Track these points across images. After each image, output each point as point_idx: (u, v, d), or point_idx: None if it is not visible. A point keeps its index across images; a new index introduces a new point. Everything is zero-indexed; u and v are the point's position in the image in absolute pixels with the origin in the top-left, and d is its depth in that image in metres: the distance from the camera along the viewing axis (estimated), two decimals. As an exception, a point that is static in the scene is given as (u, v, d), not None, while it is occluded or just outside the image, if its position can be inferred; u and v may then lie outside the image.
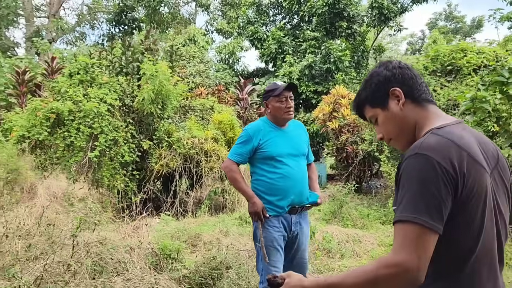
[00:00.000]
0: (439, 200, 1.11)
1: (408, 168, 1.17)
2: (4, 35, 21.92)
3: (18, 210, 4.52)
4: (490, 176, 1.22)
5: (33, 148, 7.39)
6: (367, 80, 1.44)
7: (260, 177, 2.96)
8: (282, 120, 2.99)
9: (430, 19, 38.69)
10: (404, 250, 1.10)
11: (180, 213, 7.49)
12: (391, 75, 1.36)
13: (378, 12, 16.98)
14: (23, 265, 2.74)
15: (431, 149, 1.15)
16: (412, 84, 1.35)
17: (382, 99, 1.38)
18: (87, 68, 7.69)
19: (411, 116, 1.34)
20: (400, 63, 1.39)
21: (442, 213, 1.11)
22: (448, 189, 1.12)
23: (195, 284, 3.75)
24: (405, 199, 1.14)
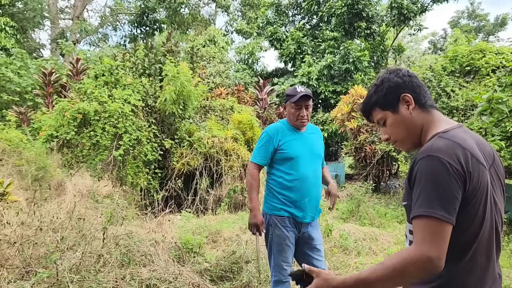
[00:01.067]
0: (452, 196, 1.27)
1: (423, 168, 1.31)
2: (30, 37, 22.61)
3: (50, 206, 4.78)
4: (488, 173, 1.37)
5: (61, 147, 7.71)
6: (377, 84, 1.57)
7: (277, 177, 3.08)
8: (295, 125, 3.11)
9: (452, 18, 38.13)
10: (426, 243, 1.25)
11: (200, 210, 7.71)
12: (402, 82, 1.50)
13: (397, 12, 16.90)
14: (57, 255, 2.97)
15: (441, 151, 1.30)
16: (420, 92, 1.50)
17: (393, 103, 1.52)
18: (111, 70, 7.97)
19: (418, 120, 1.49)
20: (408, 72, 1.53)
21: (455, 207, 1.27)
22: (459, 185, 1.27)
23: (216, 277, 3.94)
24: (422, 196, 1.29)
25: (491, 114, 5.00)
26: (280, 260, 3.06)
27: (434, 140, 1.37)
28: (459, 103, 7.16)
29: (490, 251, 1.39)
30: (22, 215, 4.23)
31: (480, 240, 1.35)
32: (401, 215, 7.22)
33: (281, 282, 3.08)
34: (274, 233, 3.05)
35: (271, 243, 3.09)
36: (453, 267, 1.35)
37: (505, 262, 4.94)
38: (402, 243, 5.71)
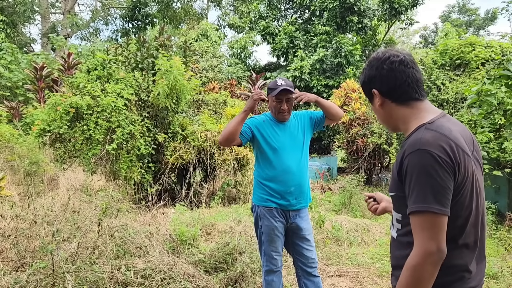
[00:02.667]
0: (445, 188, 1.31)
1: (414, 163, 1.34)
2: (21, 31, 22.38)
3: (44, 199, 4.80)
4: (472, 160, 1.41)
5: (53, 141, 7.69)
6: (361, 72, 1.64)
7: (262, 169, 3.13)
8: (277, 118, 3.14)
9: (443, 12, 38.34)
10: (426, 239, 1.31)
11: (194, 204, 7.75)
12: (373, 76, 1.53)
13: (389, 6, 16.98)
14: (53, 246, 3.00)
15: (430, 144, 1.32)
16: (394, 86, 1.48)
17: (369, 95, 1.60)
18: (104, 64, 7.95)
19: (392, 113, 1.54)
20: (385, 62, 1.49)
21: (448, 198, 1.32)
22: (450, 176, 1.31)
23: (210, 268, 3.99)
24: (416, 191, 1.33)
25: (480, 106, 5.08)
26: (270, 250, 3.12)
27: (421, 132, 1.39)
28: (449, 96, 7.25)
29: (477, 234, 1.44)
30: (16, 208, 4.25)
31: (469, 225, 1.40)
32: (393, 207, 7.32)
33: (272, 271, 3.14)
34: (263, 223, 3.10)
35: (261, 234, 3.14)
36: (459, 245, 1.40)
37: (492, 250, 5.05)
38: (393, 234, 5.80)
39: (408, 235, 1.44)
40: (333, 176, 11.23)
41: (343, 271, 4.48)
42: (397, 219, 1.53)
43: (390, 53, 1.51)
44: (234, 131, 2.99)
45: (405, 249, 1.43)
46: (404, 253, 1.43)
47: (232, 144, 3.09)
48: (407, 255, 1.38)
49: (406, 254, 1.39)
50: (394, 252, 1.56)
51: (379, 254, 4.99)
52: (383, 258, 4.87)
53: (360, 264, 4.67)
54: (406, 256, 1.38)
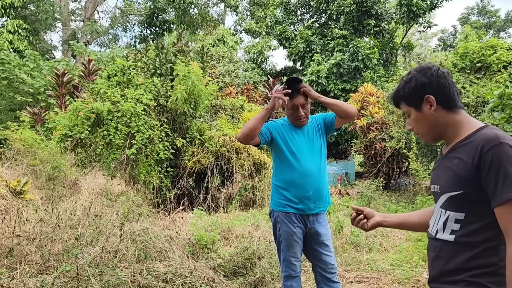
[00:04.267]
0: None
1: (501, 154, 1.38)
2: (43, 38, 22.92)
3: (67, 203, 4.89)
4: None
5: (75, 146, 7.84)
6: (406, 81, 1.63)
7: (281, 174, 3.13)
8: (295, 124, 3.13)
9: (462, 14, 37.79)
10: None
11: (212, 208, 7.79)
12: (428, 83, 1.57)
13: (407, 9, 16.83)
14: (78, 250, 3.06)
15: (508, 139, 1.40)
16: (446, 93, 1.56)
17: (417, 102, 1.60)
18: (124, 70, 8.08)
19: (442, 119, 1.58)
20: (438, 71, 1.57)
21: None
22: None
23: (229, 272, 4.01)
24: (508, 182, 1.36)
25: (503, 110, 4.99)
26: (289, 255, 3.11)
27: (492, 130, 1.46)
28: (470, 99, 7.14)
29: None
30: (40, 212, 4.34)
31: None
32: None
33: (291, 277, 3.13)
34: (282, 229, 3.09)
35: (279, 239, 3.13)
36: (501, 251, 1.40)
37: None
38: (413, 240, 5.74)
39: (472, 235, 1.45)
40: (351, 181, 11.15)
41: (363, 277, 4.45)
42: (456, 219, 1.52)
43: (435, 65, 1.60)
44: (254, 128, 2.97)
45: (470, 250, 1.43)
46: (469, 254, 1.44)
47: (250, 142, 3.05)
48: (474, 256, 1.40)
49: (472, 255, 1.41)
50: (452, 256, 1.51)
51: (399, 260, 4.94)
52: (403, 265, 4.82)
53: (380, 271, 4.63)
54: (474, 257, 1.40)
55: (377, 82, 15.23)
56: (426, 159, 8.42)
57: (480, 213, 1.44)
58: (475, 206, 1.46)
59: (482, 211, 1.43)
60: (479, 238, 1.41)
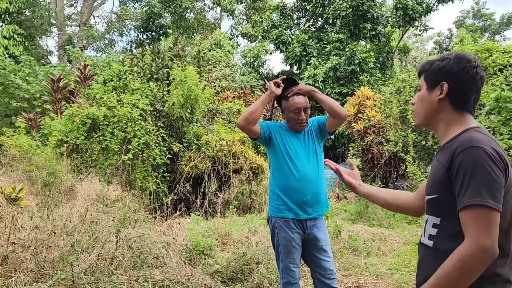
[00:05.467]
0: (499, 184, 1.31)
1: (468, 158, 1.34)
2: (38, 44, 22.86)
3: (62, 210, 4.85)
4: None
5: (70, 152, 7.80)
6: (441, 59, 1.55)
7: (277, 178, 3.10)
8: (295, 128, 3.11)
9: (457, 17, 38.02)
10: (480, 233, 1.28)
11: (209, 213, 7.75)
12: (453, 73, 1.48)
13: (402, 13, 16.92)
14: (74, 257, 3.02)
15: (483, 143, 1.34)
16: (463, 91, 1.48)
17: (433, 82, 1.54)
18: (120, 75, 8.05)
19: (442, 112, 1.52)
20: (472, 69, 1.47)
21: (501, 195, 1.32)
22: (502, 174, 1.32)
23: (227, 278, 3.97)
24: (471, 186, 1.31)
25: (499, 113, 4.99)
26: (287, 262, 3.08)
27: (472, 133, 1.41)
28: (467, 102, 7.14)
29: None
30: (35, 219, 4.30)
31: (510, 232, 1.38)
32: (410, 215, 7.20)
33: (290, 283, 3.10)
34: (280, 235, 3.06)
35: (278, 245, 3.10)
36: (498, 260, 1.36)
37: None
38: (411, 244, 5.71)
39: (448, 241, 1.41)
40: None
41: (361, 282, 4.42)
42: (434, 224, 1.50)
43: (479, 63, 1.50)
44: (254, 110, 2.94)
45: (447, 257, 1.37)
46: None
47: (251, 128, 2.99)
48: None
49: None
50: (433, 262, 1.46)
51: (397, 265, 4.91)
52: (402, 269, 4.79)
53: (379, 275, 4.60)
54: None
55: (373, 85, 15.27)
56: (423, 162, 8.41)
57: (455, 218, 1.38)
58: (450, 210, 1.41)
59: (457, 217, 1.37)
60: (454, 245, 1.35)
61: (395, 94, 8.55)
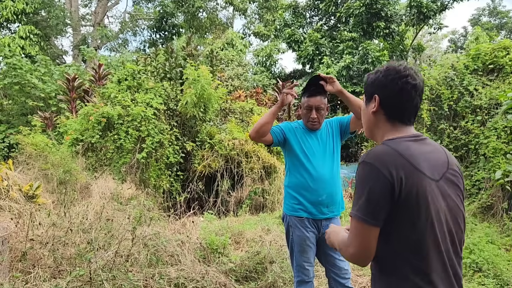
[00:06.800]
0: (379, 202, 1.36)
1: (358, 173, 1.44)
2: (53, 44, 23.16)
3: (78, 207, 4.92)
4: (438, 182, 1.43)
5: (85, 150, 7.89)
6: (376, 71, 1.60)
7: (294, 178, 3.09)
8: (307, 127, 3.09)
9: (472, 15, 37.43)
10: (352, 242, 1.44)
11: (222, 212, 7.78)
12: (384, 85, 1.52)
13: (416, 11, 16.72)
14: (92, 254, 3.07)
15: (375, 158, 1.40)
16: (395, 103, 1.51)
17: (368, 95, 1.60)
18: (134, 74, 8.13)
19: (379, 124, 1.56)
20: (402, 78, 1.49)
21: (381, 212, 1.37)
22: (385, 192, 1.35)
23: (241, 277, 3.99)
24: (355, 198, 1.43)
25: (517, 112, 4.92)
26: (302, 260, 3.07)
27: (377, 146, 1.47)
28: (483, 101, 7.05)
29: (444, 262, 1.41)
30: (52, 216, 4.36)
31: (429, 249, 1.38)
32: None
33: (304, 282, 3.10)
34: (295, 233, 3.06)
35: (292, 244, 3.10)
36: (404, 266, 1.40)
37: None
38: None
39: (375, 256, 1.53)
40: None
41: (375, 282, 4.39)
42: None
43: (410, 73, 1.51)
44: (265, 123, 2.95)
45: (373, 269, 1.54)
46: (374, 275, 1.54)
47: (263, 139, 3.02)
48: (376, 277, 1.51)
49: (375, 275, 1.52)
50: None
51: (412, 265, 4.87)
52: (417, 269, 4.75)
53: (393, 275, 4.56)
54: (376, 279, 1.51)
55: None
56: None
57: None
58: None
59: None
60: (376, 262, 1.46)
61: (409, 93, 8.46)
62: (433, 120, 7.84)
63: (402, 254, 1.40)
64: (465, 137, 7.28)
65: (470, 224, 6.02)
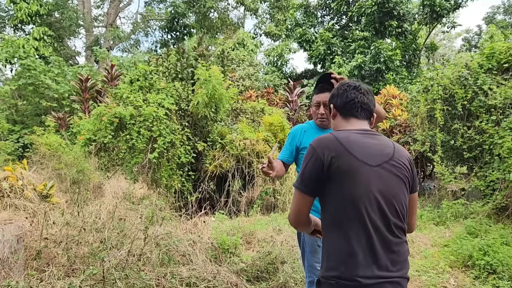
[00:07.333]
0: (310, 175, 1.73)
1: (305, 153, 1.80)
2: (66, 45, 23.44)
3: (92, 207, 4.96)
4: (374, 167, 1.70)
5: (98, 150, 7.96)
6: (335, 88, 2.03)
7: None
8: (317, 124, 3.04)
9: (487, 13, 36.88)
10: (292, 207, 1.82)
11: (233, 212, 7.78)
12: (336, 96, 1.94)
13: (430, 9, 16.54)
14: (105, 253, 3.09)
15: (316, 142, 1.77)
16: (344, 105, 1.91)
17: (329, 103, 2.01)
18: (145, 75, 8.18)
19: (337, 124, 1.95)
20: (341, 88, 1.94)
21: (310, 183, 1.74)
22: (316, 167, 1.71)
23: (252, 277, 3.98)
24: (299, 173, 1.82)
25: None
26: (313, 261, 3.06)
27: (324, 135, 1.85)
28: (497, 101, 6.94)
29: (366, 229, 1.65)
30: (66, 215, 4.41)
31: (350, 216, 1.66)
32: (437, 217, 7.06)
33: (315, 282, 3.08)
34: (306, 234, 3.05)
35: (304, 244, 3.09)
36: (329, 233, 1.73)
37: None
38: (439, 245, 5.60)
39: None
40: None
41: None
42: None
43: (351, 82, 1.96)
44: None
45: None
46: None
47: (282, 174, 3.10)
48: None
49: None
50: None
51: (425, 267, 4.82)
52: (429, 271, 4.70)
53: (406, 276, 4.52)
54: None
55: (399, 84, 15.01)
56: (451, 163, 8.23)
57: None
58: None
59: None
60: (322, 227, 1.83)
61: (422, 92, 8.37)
62: (447, 120, 7.75)
63: (332, 220, 1.71)
64: (479, 137, 7.18)
65: (484, 225, 5.94)
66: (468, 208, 6.84)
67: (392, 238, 1.68)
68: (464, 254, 4.81)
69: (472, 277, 4.48)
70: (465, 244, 5.05)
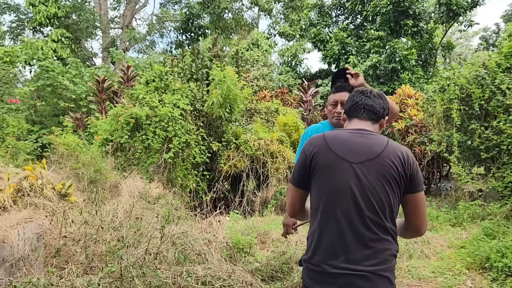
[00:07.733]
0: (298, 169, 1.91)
1: None
2: (84, 46, 23.81)
3: (109, 206, 5.05)
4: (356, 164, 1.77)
5: (115, 150, 8.08)
6: None
7: None
8: (333, 124, 3.00)
9: (505, 11, 36.18)
10: (287, 199, 1.99)
11: (247, 212, 7.82)
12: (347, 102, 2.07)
13: (446, 8, 16.33)
14: (123, 251, 3.15)
15: (308, 140, 1.94)
16: (349, 108, 2.03)
17: None
18: (161, 76, 8.26)
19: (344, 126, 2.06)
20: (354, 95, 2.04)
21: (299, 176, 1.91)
22: (303, 162, 1.88)
23: (267, 276, 4.01)
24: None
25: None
26: None
27: None
28: (516, 101, 6.84)
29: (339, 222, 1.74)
30: (84, 214, 4.50)
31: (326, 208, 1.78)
32: (454, 218, 6.98)
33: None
34: None
35: None
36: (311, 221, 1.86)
37: None
38: (455, 247, 5.54)
39: None
40: (389, 185, 10.88)
41: (403, 285, 4.33)
42: None
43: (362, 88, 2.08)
44: None
45: None
46: None
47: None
48: None
49: None
50: None
51: (441, 268, 4.78)
52: (446, 272, 4.66)
53: (421, 278, 4.50)
54: None
55: (415, 83, 14.87)
56: (468, 163, 8.12)
57: None
58: None
59: None
60: None
61: (438, 92, 8.28)
62: (463, 120, 7.65)
63: (312, 211, 1.86)
64: (497, 137, 7.07)
65: (502, 227, 5.85)
66: (485, 209, 6.74)
67: (367, 233, 1.73)
68: (481, 256, 4.75)
69: (490, 279, 4.43)
70: (482, 245, 4.99)
